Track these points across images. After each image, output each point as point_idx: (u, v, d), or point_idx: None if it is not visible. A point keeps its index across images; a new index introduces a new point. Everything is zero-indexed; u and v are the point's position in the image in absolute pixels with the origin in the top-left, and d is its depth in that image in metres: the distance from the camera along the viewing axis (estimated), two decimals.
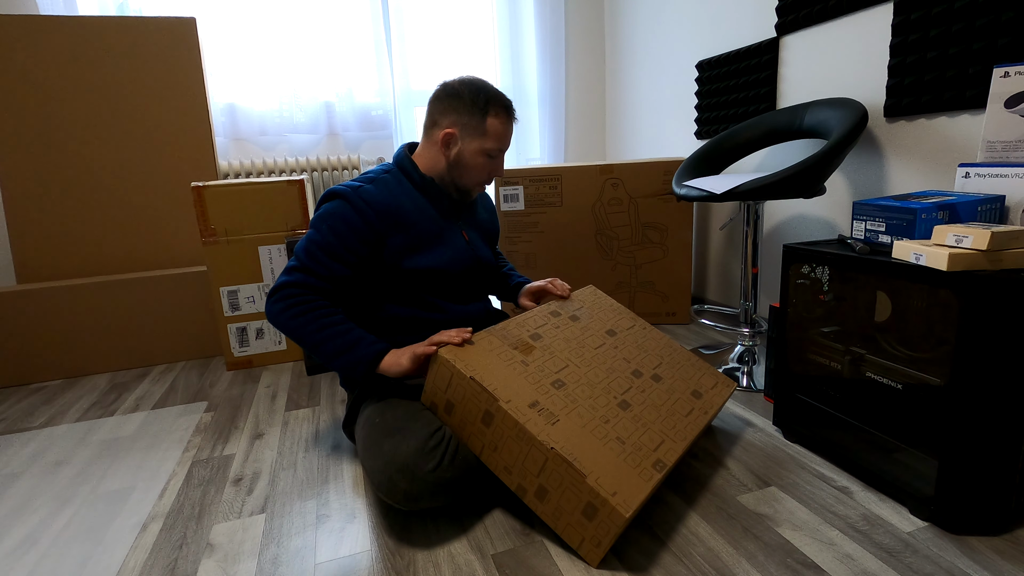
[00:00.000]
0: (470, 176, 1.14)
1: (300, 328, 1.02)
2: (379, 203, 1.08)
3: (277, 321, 1.04)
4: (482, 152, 1.11)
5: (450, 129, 1.10)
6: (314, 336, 1.01)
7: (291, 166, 2.36)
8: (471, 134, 1.10)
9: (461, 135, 1.10)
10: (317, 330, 1.02)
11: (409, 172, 1.15)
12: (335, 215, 1.07)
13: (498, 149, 1.12)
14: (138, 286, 1.86)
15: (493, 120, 1.10)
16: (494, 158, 1.14)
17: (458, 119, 1.10)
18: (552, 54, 2.67)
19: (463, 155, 1.11)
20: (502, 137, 1.12)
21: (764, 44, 1.78)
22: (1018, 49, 1.13)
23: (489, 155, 1.12)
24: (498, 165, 1.16)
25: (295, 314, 1.03)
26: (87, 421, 1.49)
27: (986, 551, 0.84)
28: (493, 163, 1.14)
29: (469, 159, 1.11)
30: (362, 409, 1.09)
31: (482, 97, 1.09)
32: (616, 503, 0.81)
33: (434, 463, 0.89)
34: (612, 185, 1.98)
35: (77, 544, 0.98)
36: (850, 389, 1.04)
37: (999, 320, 0.81)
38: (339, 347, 1.01)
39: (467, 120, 1.09)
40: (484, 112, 1.09)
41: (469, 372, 0.93)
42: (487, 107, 1.09)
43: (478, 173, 1.14)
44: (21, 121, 1.88)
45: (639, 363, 1.13)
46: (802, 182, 1.28)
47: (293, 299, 1.03)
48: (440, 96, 1.12)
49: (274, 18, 2.30)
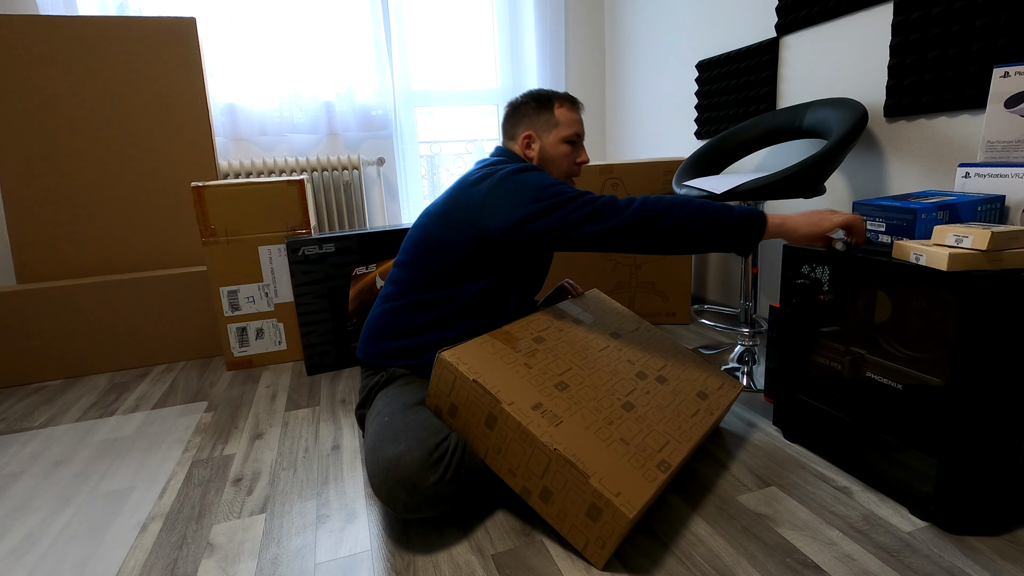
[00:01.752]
0: (560, 166, 1.21)
1: (690, 213, 0.97)
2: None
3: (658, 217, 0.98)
4: (561, 140, 1.20)
5: (527, 131, 1.20)
6: (705, 217, 0.97)
7: (291, 166, 2.36)
8: (546, 129, 1.20)
9: (538, 133, 1.20)
10: (691, 213, 0.98)
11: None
12: (546, 178, 1.08)
13: (575, 134, 1.20)
14: (138, 286, 1.86)
15: (560, 109, 1.19)
16: (574, 144, 1.21)
17: (530, 123, 1.21)
18: (552, 54, 2.67)
19: (546, 150, 1.20)
20: (574, 122, 1.20)
21: (764, 44, 1.78)
22: (1018, 49, 1.13)
23: (569, 142, 1.20)
24: (581, 151, 1.23)
25: (684, 205, 0.98)
26: (87, 421, 1.49)
27: (986, 551, 0.84)
28: (576, 150, 1.22)
29: (552, 151, 1.20)
30: (379, 396, 1.09)
31: (544, 95, 1.20)
32: (620, 504, 0.81)
33: (436, 477, 0.88)
34: (612, 185, 1.98)
35: (77, 544, 0.98)
36: (850, 389, 1.04)
37: (999, 320, 0.81)
38: (720, 215, 0.98)
39: (538, 118, 1.20)
40: (550, 105, 1.19)
41: (472, 375, 0.93)
42: (551, 101, 1.20)
43: (564, 161, 1.21)
44: (21, 121, 1.88)
45: (643, 365, 1.13)
46: (802, 182, 1.28)
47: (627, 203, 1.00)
48: (508, 114, 1.24)
49: (274, 18, 2.30)
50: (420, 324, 1.14)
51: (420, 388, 1.08)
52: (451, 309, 1.14)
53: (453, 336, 1.14)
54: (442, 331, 1.14)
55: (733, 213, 0.98)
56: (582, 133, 1.22)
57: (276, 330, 1.86)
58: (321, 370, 1.77)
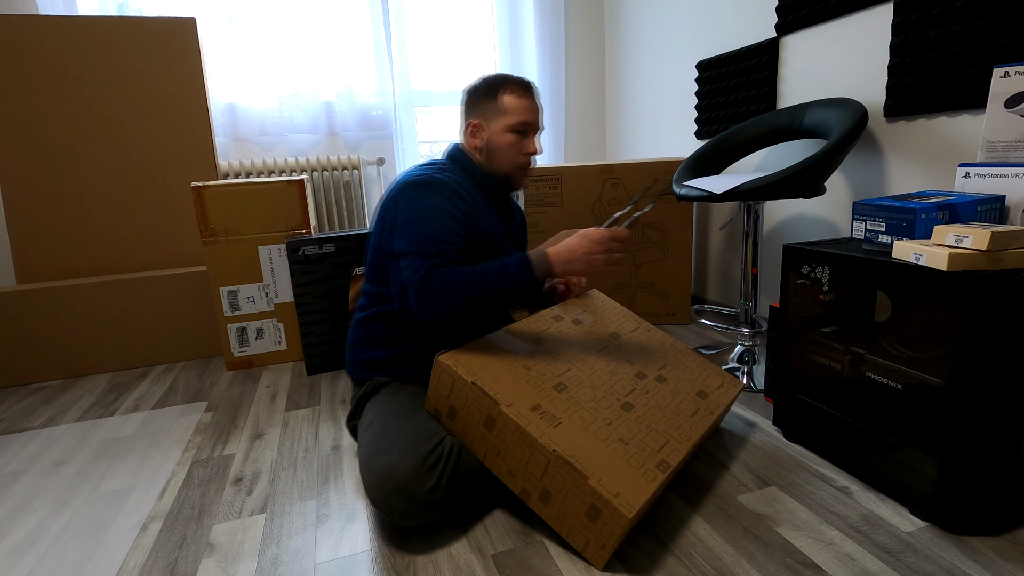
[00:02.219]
0: (504, 157, 1.15)
1: (466, 286, 0.97)
2: (462, 186, 1.10)
3: (440, 298, 0.97)
4: (506, 129, 1.13)
5: (475, 119, 1.15)
6: (482, 288, 0.97)
7: (291, 166, 2.36)
8: (492, 117, 1.13)
9: (485, 122, 1.14)
10: (477, 282, 0.97)
11: (466, 165, 1.17)
12: (432, 202, 1.05)
13: (520, 122, 1.13)
14: (138, 286, 1.86)
15: (507, 96, 1.12)
16: (521, 134, 1.14)
17: (478, 110, 1.14)
18: (552, 54, 2.67)
19: (492, 139, 1.14)
20: (521, 110, 1.13)
21: (764, 44, 1.78)
22: (1018, 49, 1.13)
23: (514, 131, 1.13)
24: (529, 142, 1.15)
25: (457, 279, 0.97)
26: (87, 421, 1.49)
27: (986, 551, 0.84)
28: (524, 140, 1.15)
29: (498, 140, 1.14)
30: (368, 406, 1.09)
31: (494, 80, 1.14)
32: (619, 504, 0.81)
33: (431, 483, 0.88)
34: (612, 185, 1.98)
35: (77, 544, 0.98)
36: (850, 389, 1.04)
37: (999, 320, 0.81)
38: (497, 276, 0.98)
39: (485, 105, 1.14)
40: (497, 92, 1.13)
41: (470, 377, 0.93)
42: (499, 86, 1.13)
43: (509, 151, 1.14)
44: (21, 121, 1.88)
45: (643, 365, 1.13)
46: (802, 182, 1.28)
47: (442, 277, 0.98)
48: (463, 100, 1.18)
49: (274, 18, 2.30)
50: (390, 335, 1.14)
51: (408, 395, 1.08)
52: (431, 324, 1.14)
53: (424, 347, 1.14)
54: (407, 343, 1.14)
55: (507, 272, 0.98)
56: (532, 122, 1.14)
57: (276, 330, 1.86)
58: (321, 370, 1.77)
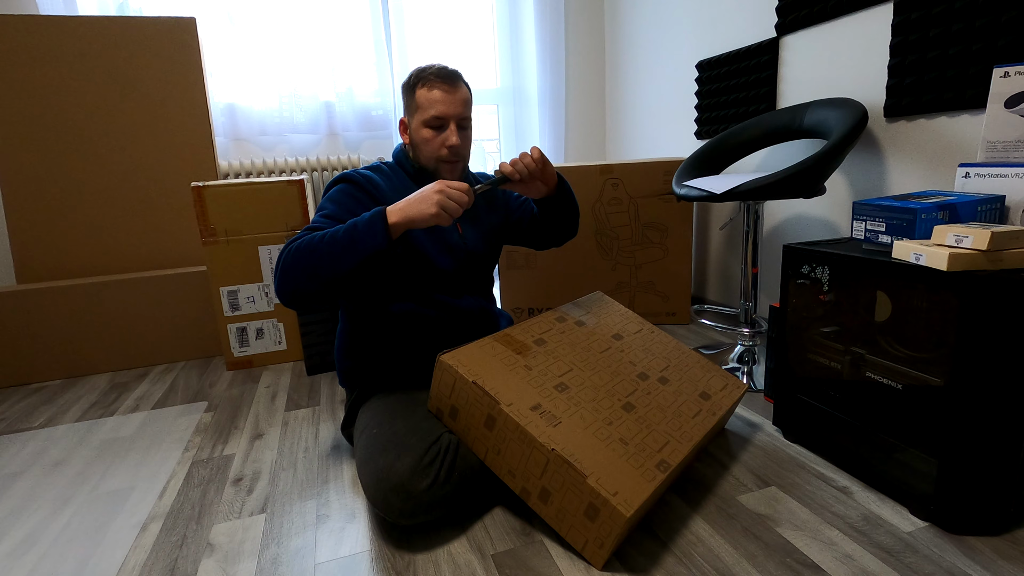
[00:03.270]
0: (424, 152, 1.13)
1: (306, 254, 0.95)
2: (377, 181, 1.12)
3: (286, 273, 0.96)
4: (422, 124, 1.11)
5: (403, 117, 1.18)
6: (319, 249, 0.95)
7: (291, 166, 2.36)
8: (412, 112, 1.14)
9: (408, 118, 1.16)
10: (319, 243, 0.95)
11: (403, 164, 1.19)
12: (340, 191, 1.10)
13: (435, 117, 1.09)
14: (138, 286, 1.86)
15: (421, 90, 1.11)
16: (438, 128, 1.11)
17: (405, 107, 1.17)
18: (552, 54, 2.67)
19: (413, 135, 1.15)
20: (435, 103, 1.09)
21: (764, 44, 1.78)
22: (1018, 49, 1.13)
23: (431, 126, 1.10)
24: (448, 135, 1.10)
25: (298, 248, 0.96)
26: (87, 421, 1.49)
27: (986, 551, 0.84)
28: (441, 134, 1.11)
29: (416, 136, 1.14)
30: (361, 411, 1.09)
31: (413, 75, 1.14)
32: (617, 503, 0.81)
33: (429, 481, 0.88)
34: (612, 185, 1.98)
35: (77, 544, 0.98)
36: (850, 389, 1.04)
37: (999, 320, 0.81)
38: (344, 238, 0.95)
39: (407, 102, 1.15)
40: (413, 87, 1.13)
41: (471, 377, 0.93)
42: (416, 81, 1.12)
43: (427, 147, 1.12)
44: (21, 121, 1.88)
45: (645, 366, 1.13)
46: (802, 182, 1.28)
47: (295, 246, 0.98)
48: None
49: (274, 18, 2.30)
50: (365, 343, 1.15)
51: (400, 396, 1.08)
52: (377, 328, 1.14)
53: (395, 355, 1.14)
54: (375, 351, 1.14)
55: (358, 225, 0.95)
56: (448, 114, 1.09)
57: (276, 330, 1.86)
58: (321, 370, 1.76)
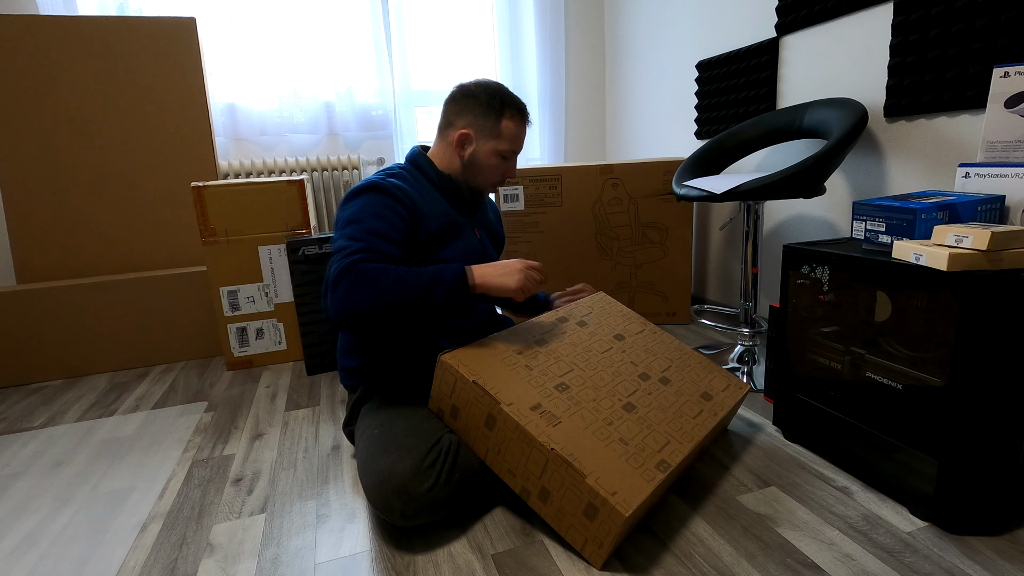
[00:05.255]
0: (484, 176, 1.15)
1: (382, 285, 0.93)
2: (408, 191, 1.08)
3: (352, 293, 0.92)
4: (496, 153, 1.13)
5: (465, 130, 1.12)
6: (399, 289, 0.93)
7: (291, 166, 2.36)
8: (485, 135, 1.12)
9: (476, 136, 1.12)
10: (401, 280, 0.94)
11: (425, 170, 1.16)
12: (378, 203, 1.03)
13: (511, 151, 1.14)
14: (138, 286, 1.86)
15: (508, 122, 1.11)
16: (507, 160, 1.16)
17: (473, 120, 1.12)
18: (552, 54, 2.67)
19: (477, 156, 1.13)
20: (516, 139, 1.13)
21: (764, 44, 1.78)
22: (1018, 49, 1.13)
23: (503, 156, 1.14)
24: (511, 167, 1.17)
25: (371, 273, 0.93)
26: (87, 421, 1.49)
27: (986, 551, 0.84)
28: (506, 165, 1.16)
29: (483, 160, 1.13)
30: (363, 411, 1.09)
31: (497, 99, 1.11)
32: (616, 503, 0.81)
33: (430, 483, 0.88)
34: (612, 185, 1.98)
35: (77, 544, 0.98)
36: (850, 389, 1.04)
37: (999, 320, 0.81)
38: (427, 283, 0.95)
39: (482, 122, 1.11)
40: (499, 114, 1.11)
41: (472, 376, 0.93)
42: (502, 109, 1.11)
43: (491, 174, 1.15)
44: (21, 121, 1.88)
45: (647, 366, 1.13)
46: (802, 182, 1.28)
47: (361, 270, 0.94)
48: (456, 97, 1.13)
49: (274, 18, 2.30)
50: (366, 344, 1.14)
51: (402, 396, 1.08)
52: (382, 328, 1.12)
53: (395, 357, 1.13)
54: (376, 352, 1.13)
55: (443, 278, 0.96)
56: (519, 150, 1.16)
57: (276, 330, 1.86)
58: (321, 370, 1.77)
